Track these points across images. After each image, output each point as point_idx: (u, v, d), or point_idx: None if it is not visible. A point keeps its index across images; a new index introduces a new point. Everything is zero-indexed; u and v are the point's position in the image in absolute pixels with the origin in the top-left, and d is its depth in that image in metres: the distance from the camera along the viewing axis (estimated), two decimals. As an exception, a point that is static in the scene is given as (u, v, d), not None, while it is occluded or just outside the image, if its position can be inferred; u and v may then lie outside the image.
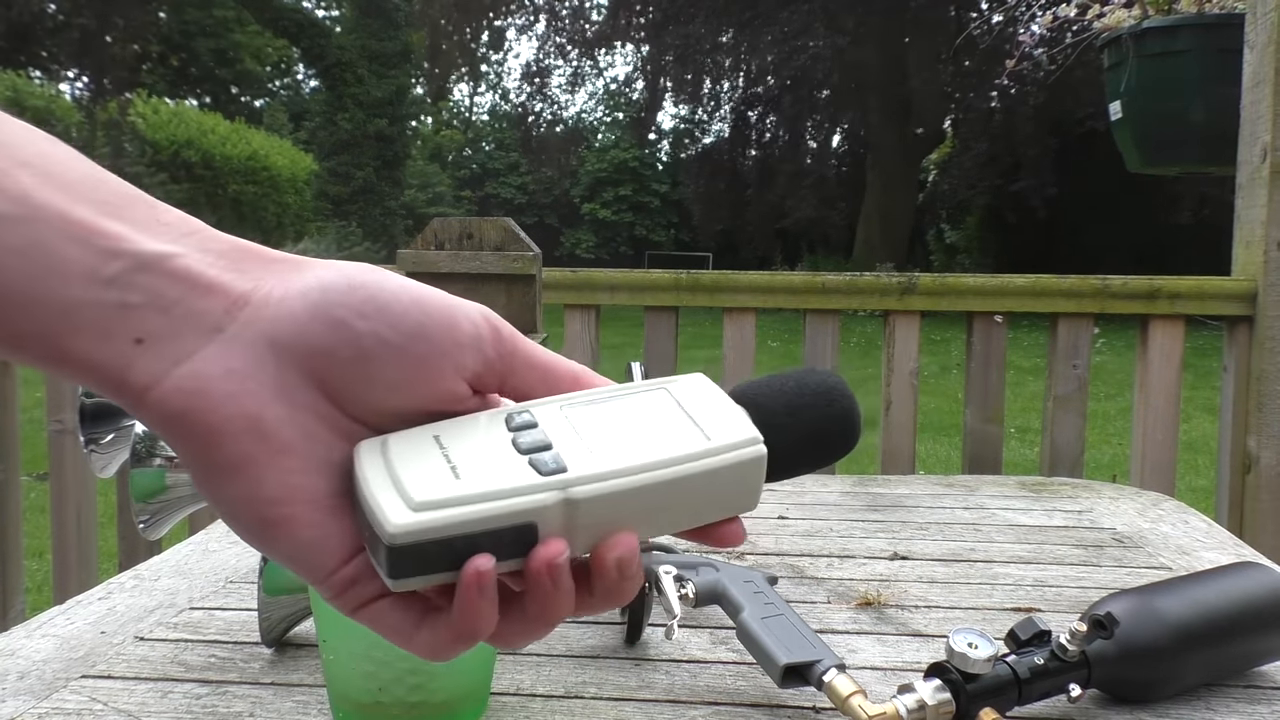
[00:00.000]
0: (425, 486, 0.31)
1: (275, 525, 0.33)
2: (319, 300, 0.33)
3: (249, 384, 0.32)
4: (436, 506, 0.31)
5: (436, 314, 0.34)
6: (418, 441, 0.33)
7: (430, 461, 0.33)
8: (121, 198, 0.33)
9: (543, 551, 0.32)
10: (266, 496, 0.32)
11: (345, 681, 0.57)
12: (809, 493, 1.16)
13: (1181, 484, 1.81)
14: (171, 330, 0.32)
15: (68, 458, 1.78)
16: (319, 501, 0.33)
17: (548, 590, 0.32)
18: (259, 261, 0.34)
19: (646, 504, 0.33)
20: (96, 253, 0.31)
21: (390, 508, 0.31)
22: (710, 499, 0.34)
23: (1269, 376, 1.68)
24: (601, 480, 0.32)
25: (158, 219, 0.33)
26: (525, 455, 0.33)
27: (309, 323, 0.33)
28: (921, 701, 0.54)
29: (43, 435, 1.79)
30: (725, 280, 1.81)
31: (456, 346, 0.34)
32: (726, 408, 0.36)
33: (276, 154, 14.72)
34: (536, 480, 0.32)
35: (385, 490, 0.32)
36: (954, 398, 4.90)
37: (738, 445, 0.34)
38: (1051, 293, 1.76)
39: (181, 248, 0.33)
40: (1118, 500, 1.13)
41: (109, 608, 0.76)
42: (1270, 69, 1.65)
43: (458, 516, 0.31)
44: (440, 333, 0.34)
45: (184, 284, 0.32)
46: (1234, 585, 0.64)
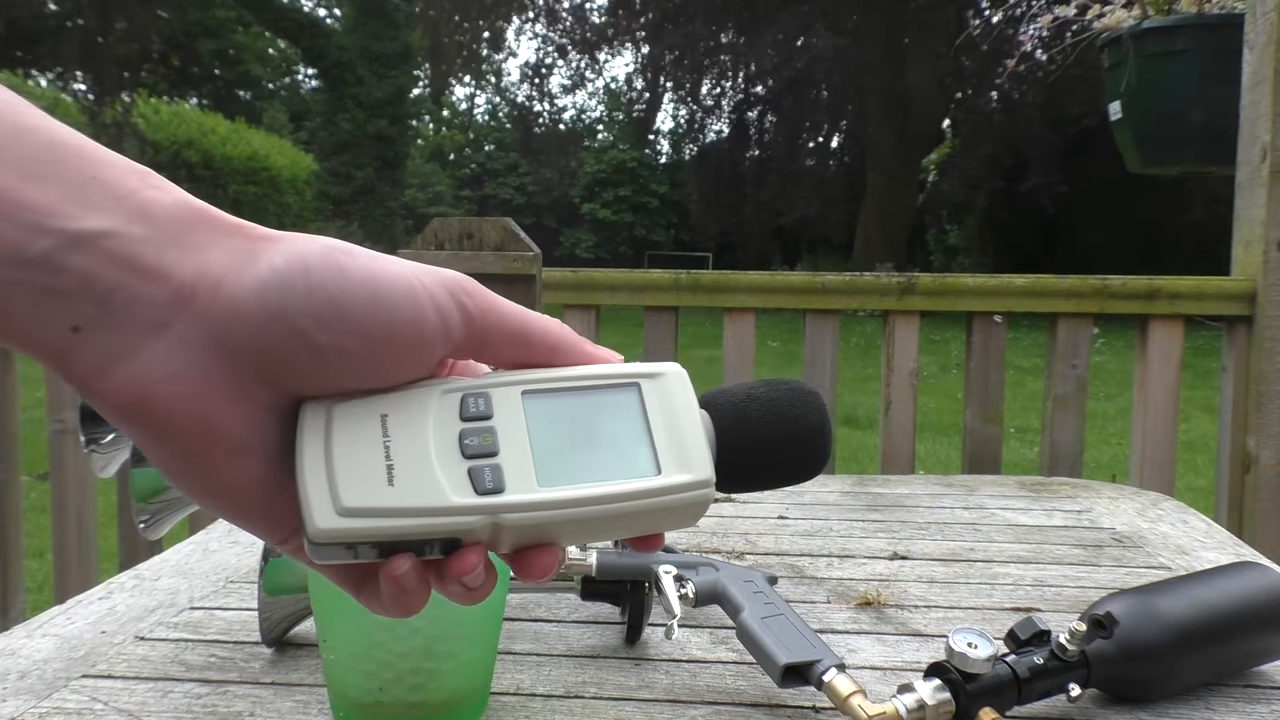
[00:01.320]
0: (356, 488, 0.31)
1: (233, 505, 0.32)
2: (277, 304, 0.30)
3: (199, 388, 0.30)
4: (363, 514, 0.31)
5: (402, 311, 0.32)
6: (362, 421, 0.32)
7: (368, 456, 0.31)
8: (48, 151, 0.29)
9: (458, 565, 0.32)
10: (220, 487, 0.31)
11: (345, 681, 0.57)
12: (809, 493, 1.16)
13: (1181, 484, 1.81)
14: (109, 322, 0.29)
15: (68, 458, 1.78)
16: (274, 484, 0.32)
17: (459, 592, 0.33)
18: (205, 232, 0.31)
19: (576, 530, 0.33)
20: (18, 228, 0.28)
21: (318, 506, 0.30)
22: (646, 526, 0.34)
23: (1268, 376, 1.69)
24: (534, 510, 0.32)
25: (92, 174, 0.29)
26: (468, 461, 0.32)
27: (265, 327, 0.30)
28: (921, 701, 0.54)
29: (43, 435, 1.79)
30: (725, 280, 1.81)
31: (423, 343, 0.32)
32: (690, 427, 0.34)
33: (277, 154, 14.70)
34: (470, 500, 0.31)
35: (317, 481, 0.31)
36: (954, 398, 4.89)
37: (688, 487, 0.33)
38: (1051, 293, 1.76)
39: (117, 219, 0.29)
40: (1117, 500, 1.13)
41: (109, 607, 0.76)
42: (1270, 69, 1.65)
43: (382, 527, 0.31)
44: (407, 332, 0.32)
45: (120, 268, 0.29)
46: (1233, 585, 0.64)
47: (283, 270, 0.31)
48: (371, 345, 0.31)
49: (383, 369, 0.32)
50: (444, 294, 0.32)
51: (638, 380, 0.35)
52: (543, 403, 0.34)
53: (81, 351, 0.29)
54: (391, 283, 0.32)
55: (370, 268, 0.32)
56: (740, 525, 1.01)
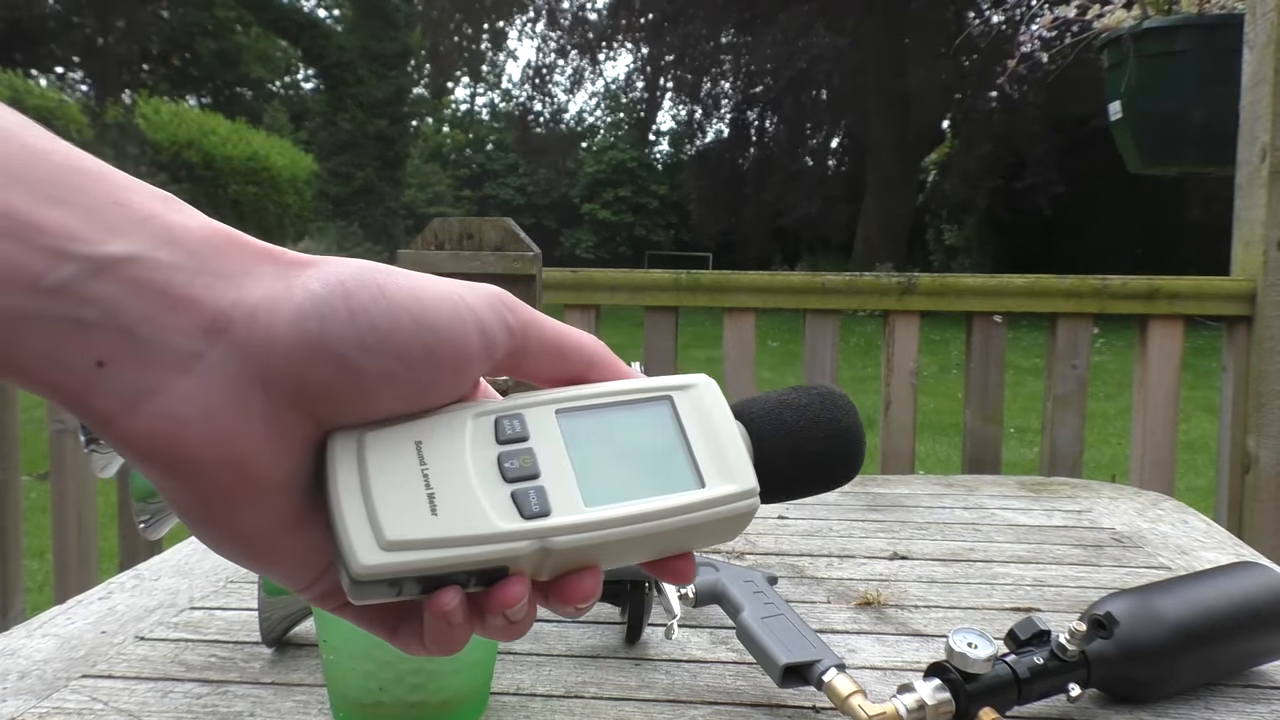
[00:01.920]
0: (399, 521, 0.30)
1: (257, 554, 0.31)
2: (316, 333, 0.29)
3: (233, 426, 0.28)
4: (409, 548, 0.29)
5: (445, 334, 0.30)
6: (397, 451, 0.31)
7: (407, 485, 0.30)
8: (65, 174, 0.27)
9: (502, 596, 0.31)
10: (249, 532, 0.30)
11: (345, 681, 0.57)
12: (809, 493, 1.16)
13: (1181, 484, 1.81)
14: (136, 355, 0.27)
15: (68, 458, 1.78)
16: (302, 526, 0.31)
17: (502, 625, 0.32)
18: (236, 258, 0.29)
19: (623, 549, 0.32)
20: (37, 253, 0.26)
21: (360, 542, 0.29)
22: (688, 541, 0.33)
23: (1268, 376, 1.69)
24: (584, 531, 0.31)
25: (113, 199, 0.27)
26: (510, 485, 0.31)
27: (305, 358, 0.29)
28: (921, 701, 0.54)
29: (43, 435, 1.80)
30: (725, 280, 1.81)
31: (466, 363, 0.31)
32: (728, 439, 0.34)
33: (277, 154, 14.71)
34: (517, 526, 0.30)
35: (357, 517, 0.29)
36: (954, 398, 4.89)
37: (733, 498, 0.33)
38: (1051, 293, 1.76)
39: (142, 244, 0.27)
40: (1117, 500, 1.13)
41: (109, 607, 0.76)
42: (1269, 69, 1.65)
43: (430, 560, 0.30)
44: (450, 355, 0.31)
45: (147, 298, 0.27)
46: (1233, 585, 0.64)
47: (321, 295, 0.29)
48: (415, 368, 0.30)
49: (424, 391, 0.31)
50: (487, 310, 0.31)
51: (670, 394, 0.34)
52: (578, 421, 0.33)
53: (105, 388, 0.27)
54: (434, 301, 0.30)
55: (411, 287, 0.30)
56: (740, 525, 1.01)
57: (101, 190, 0.27)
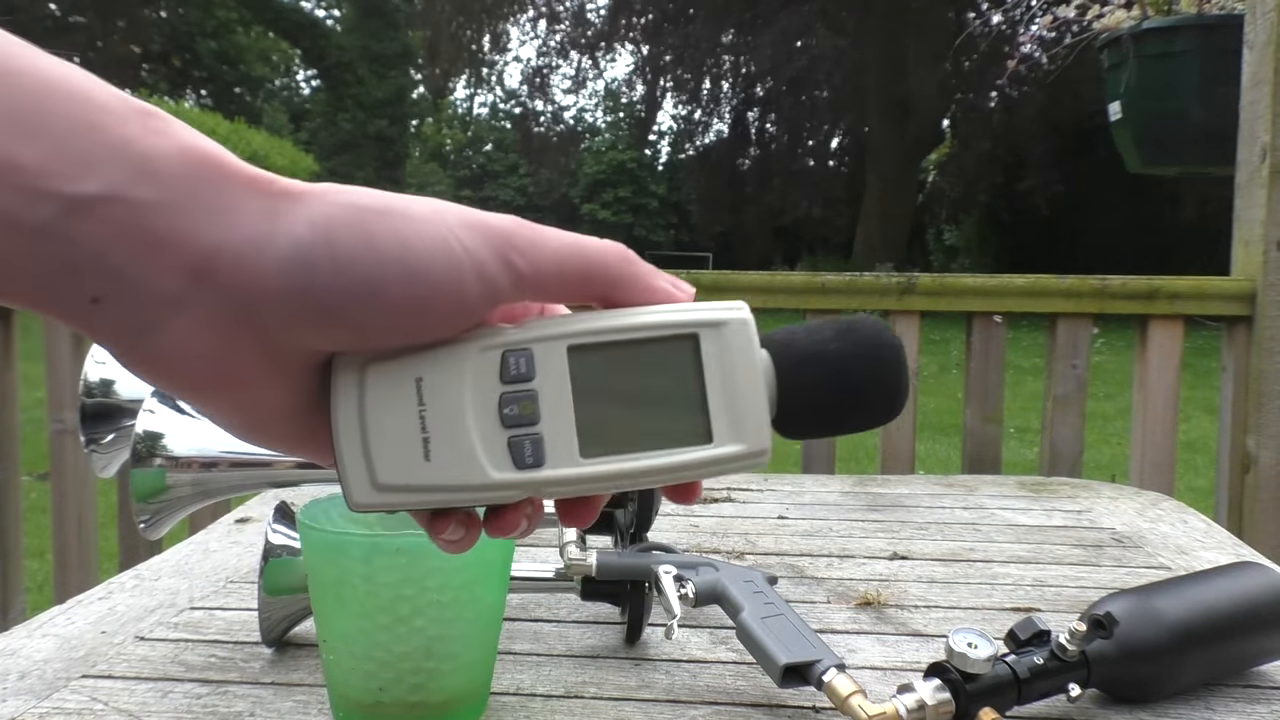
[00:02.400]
0: (391, 465, 0.30)
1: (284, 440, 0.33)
2: (304, 279, 0.28)
3: (228, 362, 0.29)
4: (401, 490, 0.31)
5: (440, 283, 0.29)
6: (396, 389, 0.31)
7: (403, 427, 0.30)
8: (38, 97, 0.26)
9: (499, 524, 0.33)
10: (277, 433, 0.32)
11: (345, 681, 0.57)
12: (809, 493, 1.16)
13: (1181, 484, 1.81)
14: (127, 295, 0.27)
15: (68, 457, 1.78)
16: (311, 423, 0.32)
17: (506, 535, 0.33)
18: (218, 189, 0.28)
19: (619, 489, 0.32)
20: (13, 194, 0.25)
21: (355, 480, 0.30)
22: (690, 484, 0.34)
23: (1268, 376, 1.68)
24: (576, 484, 0.31)
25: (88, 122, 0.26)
26: (507, 431, 0.31)
27: (292, 306, 0.29)
28: (921, 701, 0.54)
29: (44, 435, 1.79)
30: (725, 280, 1.81)
31: (464, 309, 0.30)
32: (750, 390, 0.32)
33: (277, 154, 14.69)
34: (510, 476, 0.31)
35: (353, 455, 0.30)
36: (954, 398, 4.89)
37: (739, 458, 0.32)
38: (1051, 293, 1.76)
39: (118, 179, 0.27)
40: (1117, 500, 1.13)
41: (109, 607, 0.76)
42: (1269, 69, 1.65)
43: (420, 501, 0.31)
44: (446, 304, 0.30)
45: (131, 241, 0.27)
46: (1233, 585, 0.64)
47: (306, 242, 0.28)
48: (406, 317, 0.30)
49: (419, 334, 0.31)
50: (489, 253, 0.30)
51: (696, 331, 0.32)
52: (589, 359, 0.31)
53: (105, 324, 0.28)
54: (426, 250, 0.29)
55: (402, 233, 0.29)
56: (740, 525, 1.01)
57: (76, 113, 0.26)
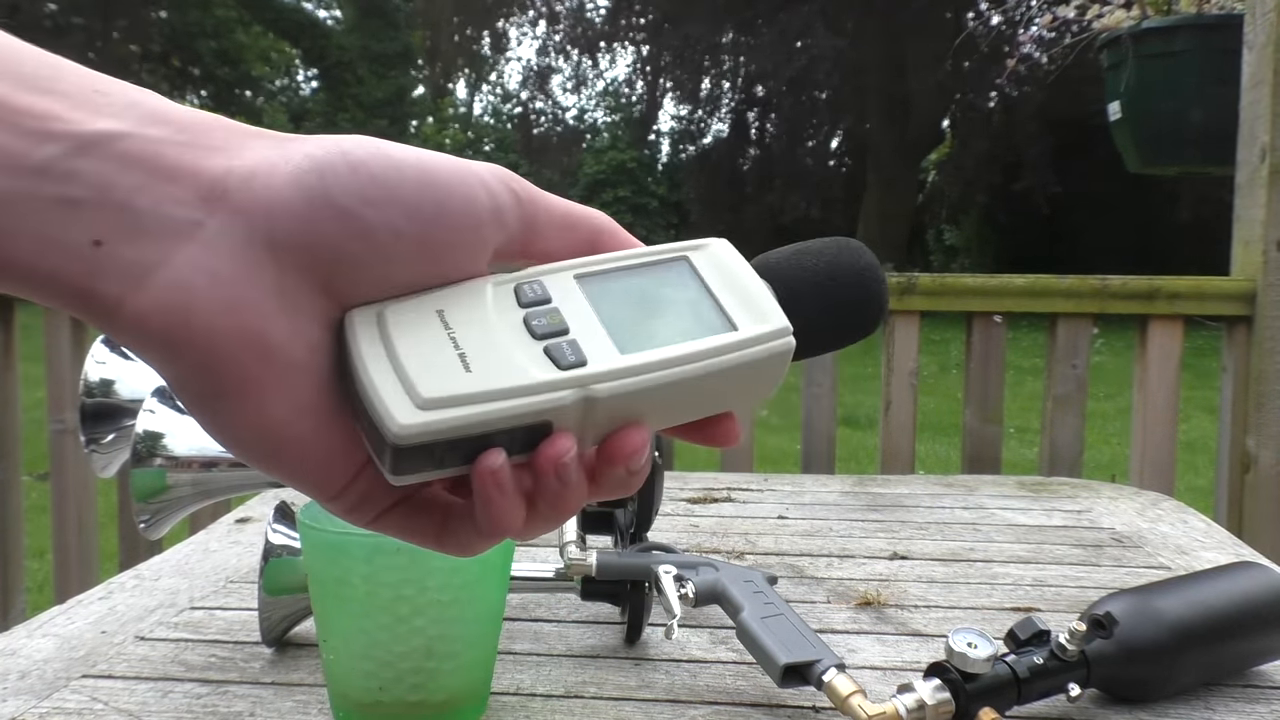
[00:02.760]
0: (433, 380, 0.28)
1: (282, 448, 0.29)
2: (317, 186, 0.28)
3: (245, 293, 0.27)
4: (447, 405, 0.28)
5: (453, 189, 0.29)
6: (419, 318, 0.30)
7: (437, 347, 0.29)
8: (47, 67, 0.27)
9: (550, 450, 0.29)
10: (272, 420, 0.28)
11: (345, 681, 0.57)
12: (809, 493, 1.16)
13: (1180, 484, 1.81)
14: (134, 229, 0.26)
15: (69, 457, 1.78)
16: (328, 416, 0.29)
17: (556, 488, 0.30)
18: (226, 132, 0.28)
19: (665, 399, 0.31)
20: (20, 134, 0.25)
21: (395, 404, 0.28)
22: (730, 392, 0.32)
23: (1268, 377, 1.69)
24: (624, 377, 0.30)
25: (94, 88, 0.27)
26: (541, 341, 0.30)
27: (308, 214, 0.28)
28: (921, 701, 0.54)
29: (44, 435, 1.80)
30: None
31: (478, 226, 0.30)
32: (753, 287, 0.33)
33: (276, 154, 14.72)
34: (555, 375, 0.29)
35: (388, 382, 0.28)
36: (953, 398, 4.90)
37: (767, 337, 0.32)
38: (1050, 293, 1.76)
39: (129, 123, 0.27)
40: (1117, 500, 1.13)
41: (110, 607, 0.76)
42: (1269, 69, 1.65)
43: (470, 416, 0.28)
44: (460, 212, 0.29)
45: (139, 169, 0.26)
46: (1233, 585, 0.64)
47: (320, 157, 0.28)
48: (425, 224, 0.29)
49: (437, 255, 0.30)
50: (492, 178, 0.31)
51: (685, 253, 0.34)
52: (598, 283, 0.32)
53: (107, 269, 0.26)
54: (437, 161, 0.30)
55: (415, 151, 0.30)
56: (740, 525, 1.01)
57: (83, 81, 0.27)
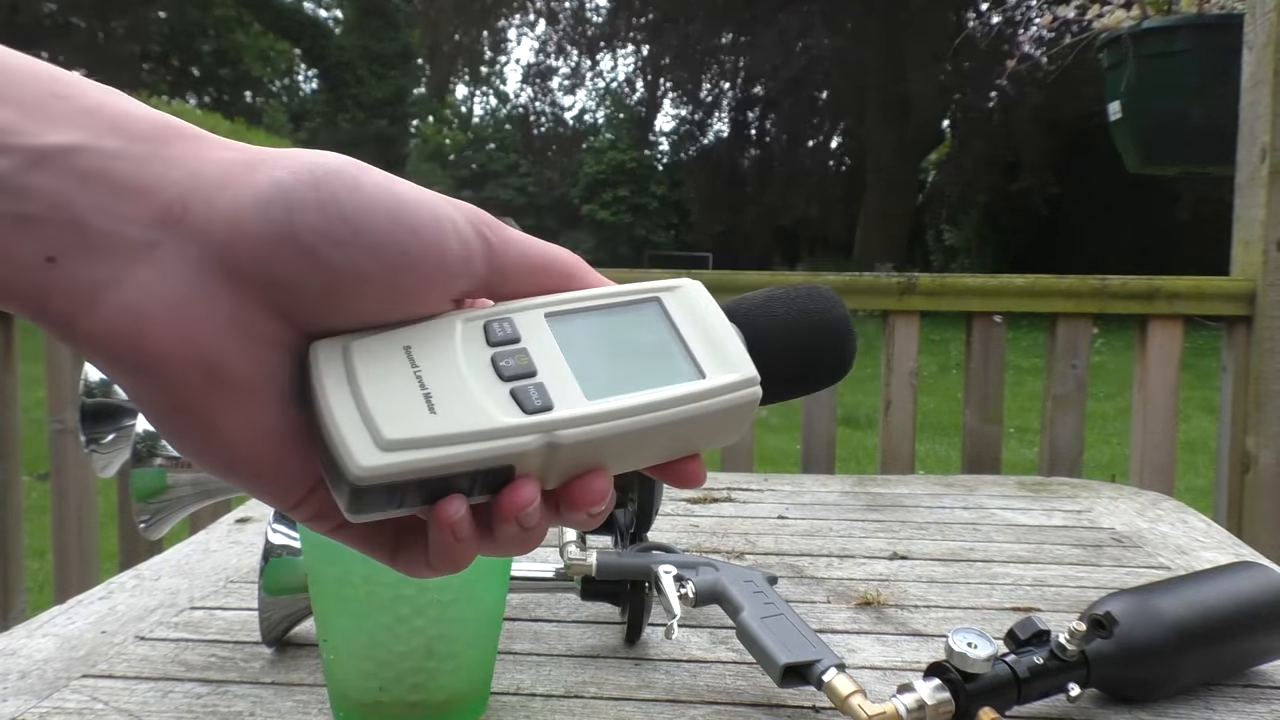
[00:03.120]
0: (396, 420, 0.28)
1: (237, 462, 0.29)
2: (282, 221, 0.27)
3: (197, 318, 0.26)
4: (409, 447, 0.28)
5: (424, 234, 0.29)
6: (386, 354, 0.29)
7: (402, 385, 0.29)
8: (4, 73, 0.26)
9: (513, 498, 0.29)
10: (226, 438, 0.28)
11: (345, 681, 0.57)
12: (809, 493, 1.16)
13: (1180, 484, 1.81)
14: (88, 248, 0.25)
15: (69, 457, 1.78)
16: (284, 436, 0.29)
17: (515, 532, 0.30)
18: (190, 145, 0.27)
19: (629, 445, 0.31)
20: None
21: (357, 445, 0.27)
22: (694, 438, 0.32)
23: (1267, 377, 1.69)
24: (589, 424, 0.30)
25: (53, 93, 0.26)
26: (508, 383, 0.30)
27: (270, 247, 0.27)
28: (921, 701, 0.54)
29: (44, 435, 1.80)
30: (725, 280, 1.81)
31: (446, 273, 0.29)
32: (722, 332, 0.33)
33: (276, 154, 14.72)
34: (520, 420, 0.29)
35: (351, 420, 0.28)
36: (953, 398, 4.89)
37: (734, 386, 0.32)
38: (1050, 293, 1.76)
39: (86, 134, 0.26)
40: (1117, 500, 1.13)
41: (110, 607, 0.76)
42: (1269, 69, 1.65)
43: (433, 459, 0.28)
44: (428, 258, 0.29)
45: (94, 187, 0.26)
46: (1233, 585, 0.64)
47: (287, 183, 0.27)
48: (390, 268, 0.28)
49: (402, 297, 0.29)
50: (465, 222, 0.30)
51: (657, 295, 0.34)
52: (568, 323, 0.32)
53: (60, 286, 0.25)
54: (413, 202, 0.29)
55: (389, 185, 0.29)
56: (740, 525, 1.01)
57: (40, 86, 0.26)
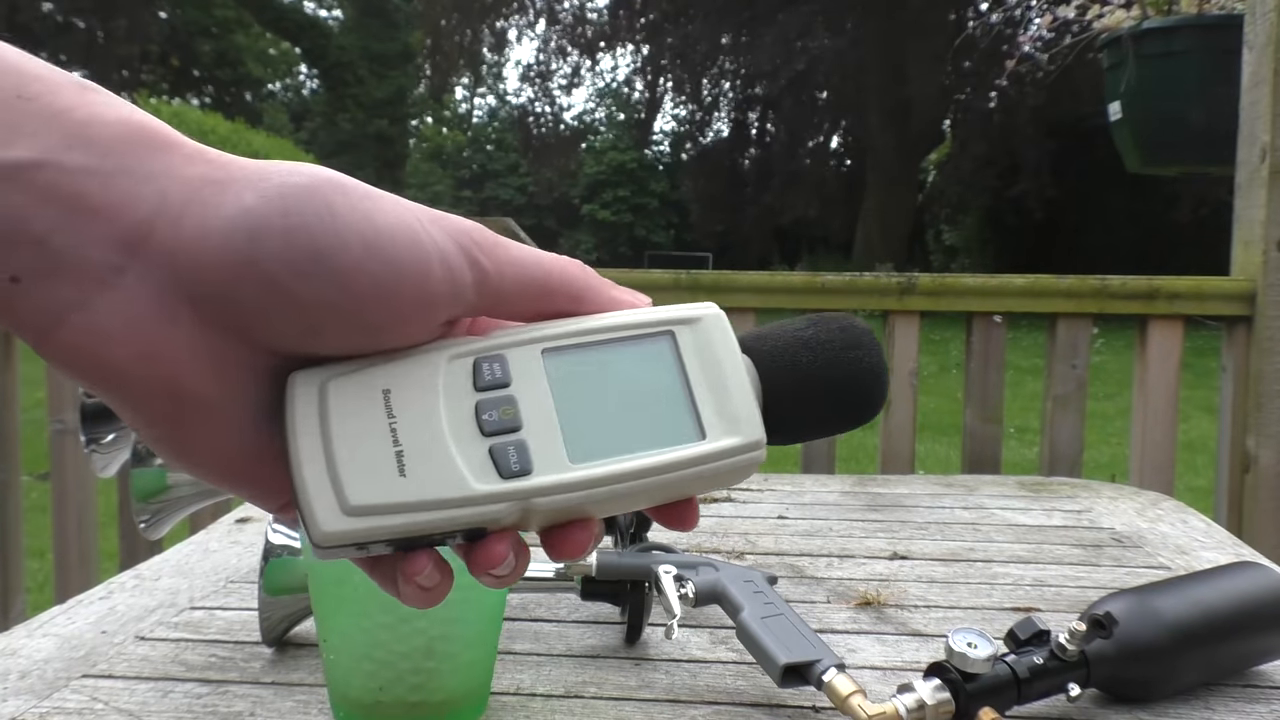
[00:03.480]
0: (363, 483, 0.27)
1: (210, 474, 0.29)
2: (246, 251, 0.26)
3: (160, 343, 0.26)
4: (374, 513, 0.27)
5: (403, 265, 0.27)
6: (362, 401, 0.28)
7: (373, 442, 0.27)
8: None
9: (485, 555, 0.28)
10: (197, 453, 0.28)
11: (345, 681, 0.57)
12: (809, 493, 1.16)
13: (1180, 484, 1.81)
14: (52, 269, 0.25)
15: (69, 457, 1.78)
16: (258, 453, 0.28)
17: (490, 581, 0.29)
18: (160, 156, 0.26)
19: (615, 504, 0.29)
20: None
21: (321, 506, 0.26)
22: (689, 490, 0.30)
23: (1267, 377, 1.69)
24: (569, 491, 0.28)
25: (17, 93, 0.25)
26: (488, 439, 0.28)
27: (233, 278, 0.26)
28: (921, 701, 0.54)
29: (43, 435, 1.79)
30: (725, 280, 1.81)
31: (427, 304, 0.28)
32: (734, 381, 0.30)
33: (277, 155, 14.70)
34: (495, 487, 0.28)
35: (318, 477, 0.27)
36: (953, 398, 4.89)
37: (737, 451, 0.30)
38: (1050, 293, 1.76)
39: (50, 144, 0.25)
40: (1117, 500, 1.13)
41: (110, 607, 0.76)
42: (1269, 69, 1.65)
43: (397, 525, 0.27)
44: (406, 289, 0.27)
45: (59, 207, 0.25)
46: (1233, 585, 0.64)
47: (255, 210, 0.26)
48: (363, 302, 0.27)
49: (378, 331, 0.28)
50: (453, 247, 0.28)
51: (671, 328, 0.31)
52: (566, 361, 0.30)
53: (25, 304, 0.25)
54: (391, 228, 0.27)
55: (365, 209, 0.27)
56: (740, 525, 1.01)
57: (6, 84, 0.25)
